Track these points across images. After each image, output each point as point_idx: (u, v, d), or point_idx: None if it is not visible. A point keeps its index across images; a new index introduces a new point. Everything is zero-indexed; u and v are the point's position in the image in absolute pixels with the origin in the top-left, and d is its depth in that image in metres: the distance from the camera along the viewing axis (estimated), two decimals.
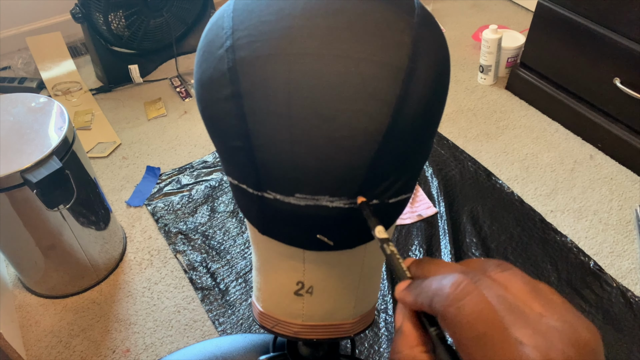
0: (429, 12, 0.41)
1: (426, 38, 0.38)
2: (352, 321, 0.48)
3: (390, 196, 0.40)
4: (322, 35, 0.36)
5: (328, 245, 0.41)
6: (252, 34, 0.37)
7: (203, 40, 0.41)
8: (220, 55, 0.38)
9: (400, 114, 0.36)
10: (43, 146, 1.08)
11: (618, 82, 1.52)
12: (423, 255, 1.38)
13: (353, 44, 0.36)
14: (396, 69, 0.36)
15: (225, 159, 0.42)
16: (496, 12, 2.34)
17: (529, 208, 1.50)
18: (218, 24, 0.40)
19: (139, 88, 1.99)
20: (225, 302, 1.31)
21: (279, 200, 0.39)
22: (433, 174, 1.60)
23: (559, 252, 1.38)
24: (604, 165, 1.62)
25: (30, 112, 1.16)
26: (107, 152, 1.72)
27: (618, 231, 1.43)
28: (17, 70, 2.01)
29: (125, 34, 1.92)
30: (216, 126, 0.40)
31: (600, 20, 1.52)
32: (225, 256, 1.41)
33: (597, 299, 1.28)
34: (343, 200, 0.38)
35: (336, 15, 0.36)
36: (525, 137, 1.73)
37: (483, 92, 1.91)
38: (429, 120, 0.39)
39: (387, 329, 1.24)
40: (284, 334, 0.48)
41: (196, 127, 1.81)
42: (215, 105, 0.39)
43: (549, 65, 1.74)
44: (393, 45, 0.36)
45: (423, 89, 0.37)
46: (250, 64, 0.36)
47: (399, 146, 0.37)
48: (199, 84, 0.40)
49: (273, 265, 0.46)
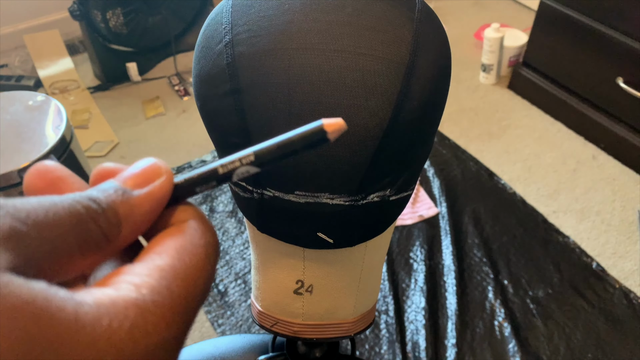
0: (429, 8, 0.41)
1: (427, 33, 0.38)
2: (352, 320, 0.48)
3: (391, 194, 0.40)
4: (322, 30, 0.36)
5: (328, 244, 0.41)
6: (252, 29, 0.37)
7: (202, 36, 0.41)
8: (219, 50, 0.38)
9: (401, 110, 0.36)
10: (40, 145, 1.07)
11: (621, 82, 1.51)
12: (424, 257, 1.37)
13: (353, 39, 0.36)
14: (397, 64, 0.36)
15: (224, 155, 0.41)
16: (498, 10, 2.33)
17: (531, 209, 1.48)
18: (217, 20, 0.39)
19: (137, 86, 1.98)
20: (224, 303, 1.29)
21: (278, 197, 0.39)
22: (435, 174, 1.59)
23: (561, 253, 1.37)
24: (607, 165, 1.61)
25: (27, 111, 1.15)
26: (104, 151, 1.71)
27: (621, 232, 1.42)
28: (15, 68, 2.01)
29: (124, 32, 1.91)
30: (215, 122, 0.39)
31: (604, 19, 1.51)
32: (224, 257, 1.40)
33: (600, 300, 1.27)
34: (343, 198, 0.38)
35: (336, 10, 0.36)
36: (527, 137, 1.72)
37: (485, 92, 1.90)
38: (430, 116, 0.39)
39: (387, 330, 1.22)
40: (283, 334, 0.48)
41: (195, 126, 1.80)
42: (214, 101, 0.38)
43: (552, 64, 1.73)
44: (394, 40, 0.36)
45: (424, 84, 0.37)
46: (249, 60, 0.36)
47: (400, 143, 0.37)
48: (198, 79, 0.40)
49: (272, 264, 0.45)
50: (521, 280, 1.31)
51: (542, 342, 1.19)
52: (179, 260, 0.18)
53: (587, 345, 1.19)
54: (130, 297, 0.16)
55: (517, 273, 1.33)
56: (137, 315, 0.15)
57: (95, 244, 0.17)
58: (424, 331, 1.21)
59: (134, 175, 0.19)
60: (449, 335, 1.21)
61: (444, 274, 1.33)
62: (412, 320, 1.24)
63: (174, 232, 0.19)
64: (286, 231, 0.41)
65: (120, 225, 0.18)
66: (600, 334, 1.21)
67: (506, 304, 1.26)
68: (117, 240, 0.18)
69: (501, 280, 1.31)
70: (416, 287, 1.30)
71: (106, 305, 0.15)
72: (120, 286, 0.16)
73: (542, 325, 1.22)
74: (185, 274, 0.17)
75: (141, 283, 0.16)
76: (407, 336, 1.21)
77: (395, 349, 1.19)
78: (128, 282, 0.16)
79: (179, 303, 0.17)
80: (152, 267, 0.17)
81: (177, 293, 0.17)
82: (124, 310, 0.15)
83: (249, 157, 0.20)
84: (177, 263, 0.18)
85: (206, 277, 0.18)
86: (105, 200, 0.17)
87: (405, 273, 1.34)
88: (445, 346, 1.19)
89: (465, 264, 1.35)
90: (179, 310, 0.17)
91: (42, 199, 0.16)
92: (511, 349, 1.18)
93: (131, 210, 0.18)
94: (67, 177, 0.19)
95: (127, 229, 0.18)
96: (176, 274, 0.17)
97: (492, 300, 1.27)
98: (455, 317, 1.24)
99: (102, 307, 0.15)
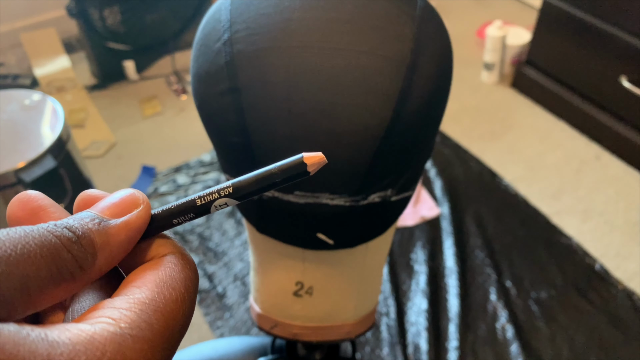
0: (430, 5, 0.41)
1: (429, 31, 0.37)
2: (352, 322, 0.48)
3: (392, 194, 0.39)
4: (322, 28, 0.35)
5: (328, 245, 0.40)
6: (251, 27, 0.36)
7: (200, 34, 0.40)
8: (217, 48, 0.37)
9: (402, 109, 0.35)
10: (37, 145, 1.07)
11: (625, 81, 1.50)
12: (426, 259, 1.35)
13: (354, 37, 0.35)
14: (398, 62, 0.35)
15: (223, 155, 0.41)
16: (500, 8, 2.31)
17: (534, 209, 1.47)
18: (215, 17, 0.39)
19: (134, 85, 1.97)
20: (222, 305, 1.28)
21: (277, 198, 0.38)
22: (436, 175, 1.58)
23: (564, 254, 1.36)
24: (611, 165, 1.59)
25: (24, 110, 1.15)
26: (101, 150, 1.70)
27: (624, 233, 1.40)
28: (11, 67, 2.00)
29: (121, 30, 1.90)
30: (213, 122, 0.39)
31: (607, 17, 1.50)
32: (222, 258, 1.38)
33: (603, 301, 1.26)
34: (344, 198, 0.37)
35: (336, 8, 0.36)
36: (530, 137, 1.70)
37: (487, 91, 1.89)
38: (431, 115, 0.38)
39: (388, 332, 1.21)
40: (283, 336, 0.48)
41: (193, 126, 1.78)
42: (212, 100, 0.38)
43: (555, 63, 1.71)
44: (395, 38, 0.36)
45: (426, 83, 0.36)
46: (248, 58, 0.36)
47: (401, 142, 0.37)
48: (196, 78, 0.40)
49: (272, 265, 0.45)
50: (524, 282, 1.30)
51: (544, 344, 1.18)
52: (158, 294, 0.17)
53: (590, 347, 1.18)
54: (109, 332, 0.15)
55: (520, 274, 1.31)
56: (115, 351, 0.15)
57: (70, 273, 0.17)
58: (425, 333, 1.20)
59: (112, 204, 0.19)
60: (451, 337, 1.19)
61: (446, 276, 1.31)
62: (413, 323, 1.22)
63: (154, 266, 0.19)
64: (285, 232, 0.41)
65: (96, 254, 0.18)
66: (603, 335, 1.19)
67: (509, 305, 1.25)
68: (92, 269, 0.17)
69: (504, 282, 1.30)
70: (417, 288, 1.29)
71: (83, 343, 0.15)
72: (99, 321, 0.16)
73: (544, 327, 1.21)
74: (165, 308, 0.17)
75: (120, 317, 0.16)
76: (408, 338, 1.20)
77: (396, 352, 1.17)
78: (107, 317, 0.16)
79: (159, 337, 0.16)
80: (132, 300, 0.17)
81: (157, 327, 0.17)
82: (101, 347, 0.15)
83: (227, 189, 0.20)
84: (157, 297, 0.17)
85: (186, 311, 0.18)
86: (81, 229, 0.17)
87: (407, 275, 1.32)
88: (447, 349, 1.18)
89: (467, 266, 1.33)
90: (158, 344, 0.16)
91: (12, 232, 0.16)
92: (513, 351, 1.17)
93: (107, 239, 0.18)
94: (48, 207, 0.19)
95: (102, 258, 0.18)
96: (156, 308, 0.17)
97: (494, 302, 1.26)
98: (457, 319, 1.22)
99: (79, 344, 0.15)
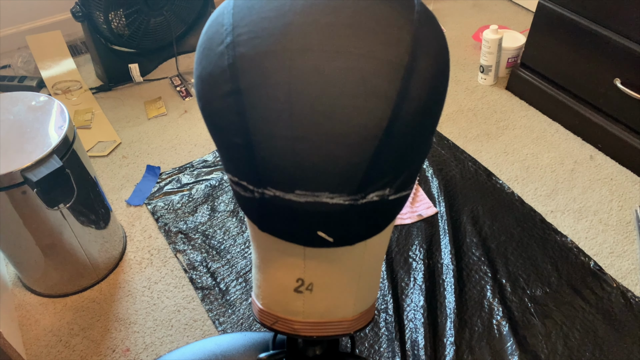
0: (428, 9, 0.41)
1: (426, 35, 0.38)
2: (352, 318, 0.48)
3: (390, 193, 0.40)
4: (322, 31, 0.36)
5: (328, 242, 0.41)
6: (253, 30, 0.37)
7: (203, 37, 0.41)
8: (220, 51, 0.38)
9: (400, 111, 0.37)
10: (43, 145, 1.08)
11: (618, 83, 1.52)
12: (423, 256, 1.38)
13: (353, 40, 0.36)
14: (396, 65, 0.36)
15: (225, 156, 0.42)
16: (496, 12, 2.34)
17: (529, 208, 1.49)
18: (218, 21, 0.40)
19: (139, 87, 1.99)
20: (225, 301, 1.30)
21: (278, 197, 0.39)
22: (433, 174, 1.60)
23: (559, 252, 1.38)
24: (604, 165, 1.62)
25: (30, 111, 1.16)
26: (107, 151, 1.72)
27: (618, 232, 1.43)
28: (17, 68, 2.01)
29: (126, 33, 1.92)
30: (216, 123, 0.40)
31: (601, 20, 1.52)
32: (225, 255, 1.41)
33: (597, 299, 1.28)
34: (343, 197, 0.38)
35: (336, 12, 0.37)
36: (525, 138, 1.73)
37: (483, 93, 1.91)
38: (429, 116, 0.39)
39: (387, 328, 1.23)
40: (284, 331, 0.48)
41: (196, 126, 1.81)
42: (215, 102, 0.39)
43: (550, 65, 1.74)
44: (393, 41, 0.37)
45: (423, 85, 0.37)
46: (250, 60, 0.37)
47: (399, 142, 0.37)
48: (199, 80, 0.41)
49: (273, 262, 0.46)
50: (519, 279, 1.32)
51: (540, 341, 1.20)
52: None
53: (585, 343, 1.20)
54: None
55: (515, 272, 1.34)
56: None
57: None
58: (422, 329, 1.22)
59: None
60: (448, 333, 1.22)
61: (443, 273, 1.34)
62: (411, 319, 1.25)
63: None
64: (286, 230, 0.41)
65: None
66: (598, 332, 1.21)
67: (504, 302, 1.27)
68: None
69: (499, 279, 1.32)
70: (415, 285, 1.32)
71: None
72: None
73: (540, 324, 1.23)
74: None
75: None
76: (406, 334, 1.22)
77: (394, 347, 1.20)
78: None
79: None
80: None
81: None
82: None
83: None
84: None
85: None
86: None
87: (405, 272, 1.35)
88: (444, 344, 1.20)
89: (463, 263, 1.36)
90: None
91: None
92: (509, 347, 1.19)
93: None
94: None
95: None
96: None
97: (490, 299, 1.28)
98: (454, 315, 1.25)
99: None
